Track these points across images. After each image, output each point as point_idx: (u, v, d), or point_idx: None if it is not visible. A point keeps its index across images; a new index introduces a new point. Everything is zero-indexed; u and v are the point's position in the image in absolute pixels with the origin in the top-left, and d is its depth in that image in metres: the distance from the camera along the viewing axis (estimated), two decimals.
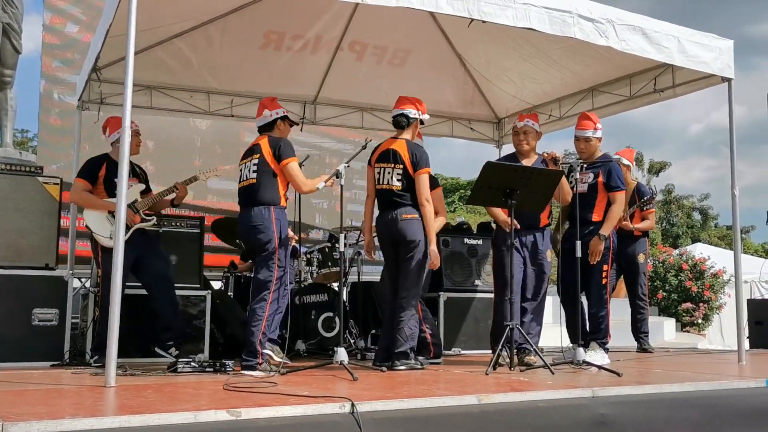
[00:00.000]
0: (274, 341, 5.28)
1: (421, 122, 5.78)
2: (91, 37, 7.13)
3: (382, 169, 5.66)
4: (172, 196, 6.06)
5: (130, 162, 5.78)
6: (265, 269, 5.24)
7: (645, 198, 7.68)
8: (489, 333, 7.24)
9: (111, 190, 5.67)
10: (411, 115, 5.68)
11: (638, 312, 7.83)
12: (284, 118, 5.59)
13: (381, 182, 5.67)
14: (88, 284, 7.09)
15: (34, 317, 5.82)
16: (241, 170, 5.46)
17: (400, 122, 5.70)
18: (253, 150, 5.43)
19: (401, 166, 5.57)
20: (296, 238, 6.47)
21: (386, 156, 5.66)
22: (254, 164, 5.33)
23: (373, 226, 5.85)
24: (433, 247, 5.50)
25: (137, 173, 6.00)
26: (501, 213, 5.88)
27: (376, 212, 5.81)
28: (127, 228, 5.53)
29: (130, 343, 5.70)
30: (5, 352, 5.61)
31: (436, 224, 5.68)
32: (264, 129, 5.55)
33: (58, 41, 8.90)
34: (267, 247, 5.22)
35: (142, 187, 6.02)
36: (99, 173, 5.76)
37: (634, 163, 8.40)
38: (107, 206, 5.65)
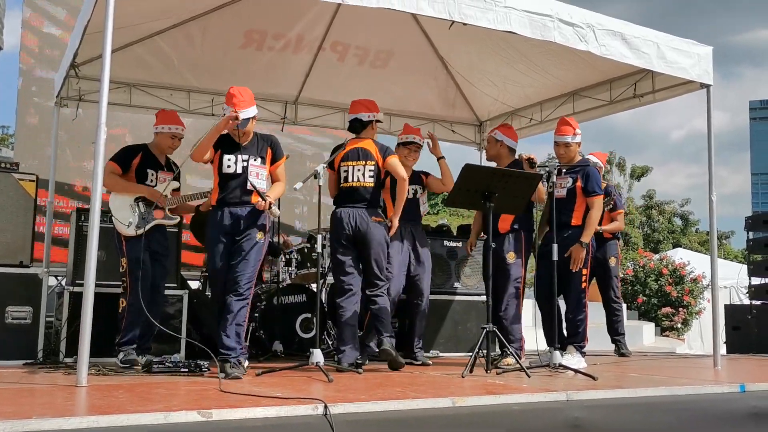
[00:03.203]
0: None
1: (378, 122, 5.89)
2: (69, 35, 7.06)
3: (351, 167, 5.69)
4: (200, 201, 5.89)
5: (167, 157, 5.89)
6: None
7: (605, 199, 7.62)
8: (468, 335, 7.29)
9: (142, 180, 5.67)
10: (364, 119, 5.81)
11: (613, 314, 7.87)
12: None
13: (349, 180, 5.68)
14: (64, 282, 7.00)
15: (8, 315, 5.73)
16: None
17: (356, 127, 5.83)
18: None
19: (373, 163, 5.67)
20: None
21: (354, 155, 5.72)
22: None
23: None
24: (395, 220, 5.71)
25: (172, 169, 5.90)
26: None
27: None
28: (148, 222, 5.57)
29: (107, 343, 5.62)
30: None
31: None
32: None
33: (37, 38, 8.80)
34: None
35: (177, 185, 5.90)
36: (133, 161, 5.67)
37: (610, 167, 8.36)
38: (137, 189, 5.60)
